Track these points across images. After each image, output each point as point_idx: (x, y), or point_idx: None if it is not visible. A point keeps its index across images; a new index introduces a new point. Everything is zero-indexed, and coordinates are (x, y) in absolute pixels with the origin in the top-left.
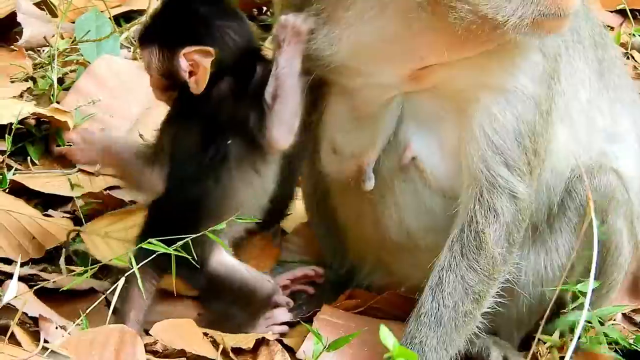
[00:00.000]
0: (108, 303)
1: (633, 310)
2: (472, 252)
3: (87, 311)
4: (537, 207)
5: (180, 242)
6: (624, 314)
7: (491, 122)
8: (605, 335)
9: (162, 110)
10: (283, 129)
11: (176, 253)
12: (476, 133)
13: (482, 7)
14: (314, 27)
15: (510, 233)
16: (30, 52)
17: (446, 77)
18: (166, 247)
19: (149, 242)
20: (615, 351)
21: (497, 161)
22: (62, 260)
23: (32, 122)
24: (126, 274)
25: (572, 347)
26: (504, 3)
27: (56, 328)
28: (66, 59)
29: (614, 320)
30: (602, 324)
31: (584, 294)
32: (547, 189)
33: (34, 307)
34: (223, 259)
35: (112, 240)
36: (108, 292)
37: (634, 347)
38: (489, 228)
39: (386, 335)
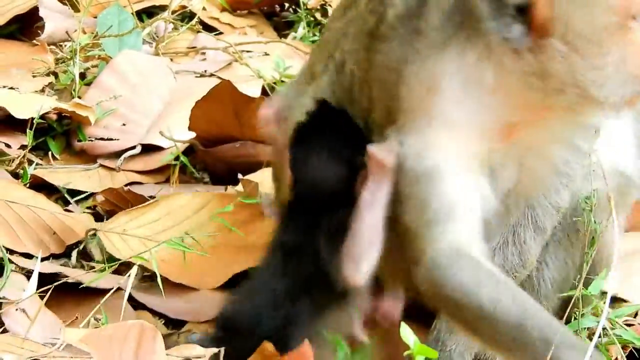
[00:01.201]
0: (129, 299)
1: None
2: (512, 267)
3: (102, 302)
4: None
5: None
6: None
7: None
8: (619, 336)
9: (184, 106)
10: (351, 264)
11: (188, 250)
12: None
13: (591, 89)
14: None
15: (548, 244)
16: (52, 47)
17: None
18: (186, 246)
19: (170, 242)
20: (632, 351)
21: (560, 191)
22: (74, 257)
23: (54, 116)
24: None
25: (590, 349)
26: (607, 83)
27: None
28: (88, 54)
29: (635, 316)
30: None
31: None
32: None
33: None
34: None
35: (129, 238)
36: (129, 287)
37: None
38: (534, 245)
39: (407, 333)
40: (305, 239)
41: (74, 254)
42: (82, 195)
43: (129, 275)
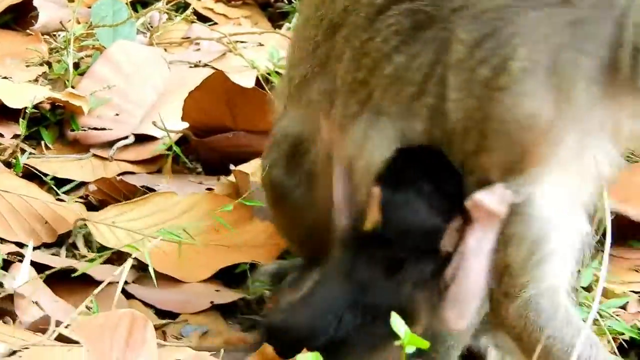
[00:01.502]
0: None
1: None
2: None
3: (96, 292)
4: None
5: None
6: None
7: None
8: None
9: (177, 97)
10: (456, 310)
11: (182, 241)
12: None
13: None
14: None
15: None
16: (46, 36)
17: None
18: (180, 236)
19: (164, 231)
20: (622, 343)
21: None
22: (63, 248)
23: (47, 106)
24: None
25: (579, 343)
26: None
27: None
28: (82, 44)
29: (624, 307)
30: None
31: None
32: None
33: (43, 295)
34: None
35: (118, 230)
36: (121, 276)
37: None
38: None
39: (398, 323)
40: (383, 278)
41: (66, 243)
42: (74, 184)
43: (124, 266)
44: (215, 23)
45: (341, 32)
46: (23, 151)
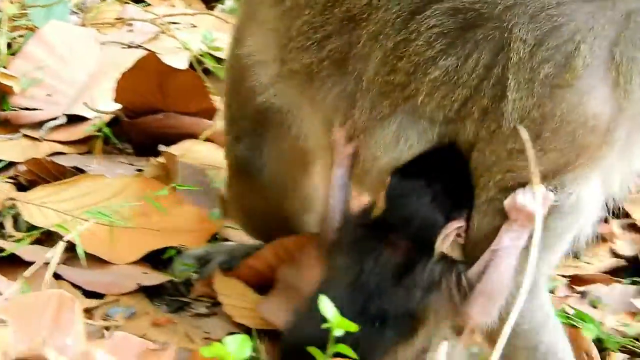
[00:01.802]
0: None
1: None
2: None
3: (27, 274)
4: None
5: None
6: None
7: None
8: None
9: (109, 77)
10: (481, 308)
11: (115, 223)
12: None
13: None
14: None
15: None
16: None
17: None
18: (109, 215)
19: (95, 213)
20: None
21: None
22: None
23: None
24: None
25: (505, 334)
26: None
27: None
28: (15, 24)
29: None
30: None
31: None
32: None
33: None
34: None
35: (47, 210)
36: (52, 257)
37: (571, 321)
38: None
39: (325, 305)
40: (391, 283)
41: None
42: (4, 164)
43: (56, 248)
44: (149, 4)
45: (366, 29)
46: None
